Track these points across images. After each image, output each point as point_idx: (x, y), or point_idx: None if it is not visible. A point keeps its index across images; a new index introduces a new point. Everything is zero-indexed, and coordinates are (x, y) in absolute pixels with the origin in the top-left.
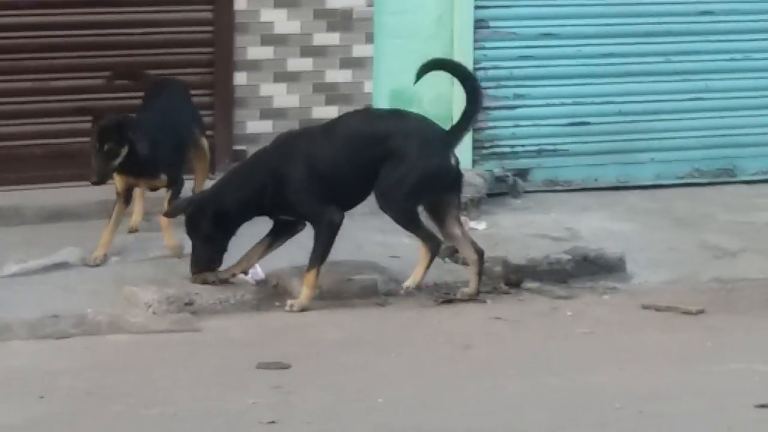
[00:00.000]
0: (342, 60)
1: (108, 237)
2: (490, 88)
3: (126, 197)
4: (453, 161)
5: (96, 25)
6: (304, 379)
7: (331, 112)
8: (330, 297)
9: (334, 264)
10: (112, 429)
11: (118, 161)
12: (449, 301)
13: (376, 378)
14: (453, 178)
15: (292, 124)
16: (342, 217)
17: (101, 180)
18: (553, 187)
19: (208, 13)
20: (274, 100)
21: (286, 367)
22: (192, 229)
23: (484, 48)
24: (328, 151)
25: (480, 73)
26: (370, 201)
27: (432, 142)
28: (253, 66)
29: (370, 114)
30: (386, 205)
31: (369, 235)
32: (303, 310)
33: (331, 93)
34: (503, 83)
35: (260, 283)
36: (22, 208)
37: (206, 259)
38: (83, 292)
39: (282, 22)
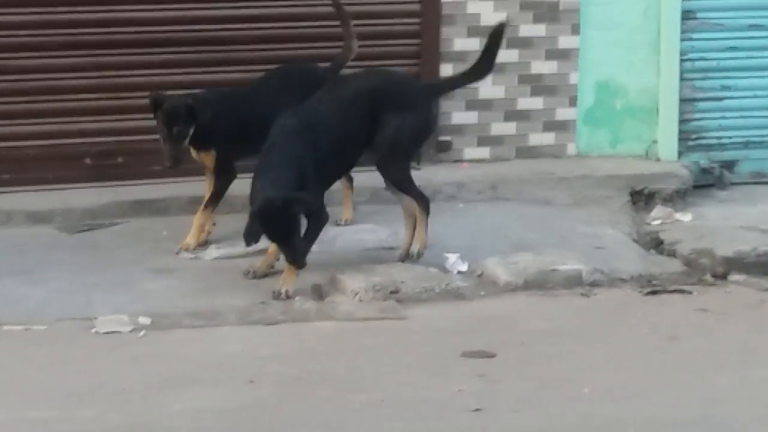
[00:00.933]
0: (548, 51)
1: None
2: (696, 79)
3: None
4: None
5: (301, 18)
6: (509, 368)
7: (536, 103)
8: (535, 287)
9: (539, 254)
10: (319, 414)
11: (187, 141)
12: (654, 293)
13: (581, 368)
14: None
15: (497, 116)
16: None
17: (175, 165)
18: (760, 179)
19: (415, 5)
20: (480, 91)
21: (491, 356)
22: (286, 229)
23: (691, 39)
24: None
25: (686, 65)
26: (573, 192)
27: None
28: (460, 57)
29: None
30: (384, 166)
31: (573, 225)
32: None
33: (536, 84)
34: (710, 74)
35: (462, 274)
36: (230, 198)
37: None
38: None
39: (488, 13)
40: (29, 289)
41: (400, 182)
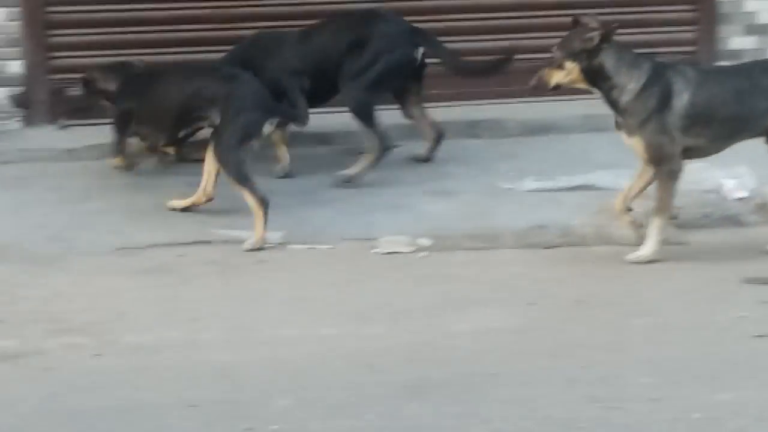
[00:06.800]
0: None
1: None
2: None
3: None
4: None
5: None
6: None
7: None
8: None
9: None
10: (600, 335)
11: None
12: None
13: None
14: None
15: None
16: None
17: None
18: None
19: None
20: (759, 15)
21: None
22: None
23: None
24: None
25: None
26: None
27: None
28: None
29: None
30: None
31: None
32: None
33: None
34: None
35: (740, 200)
36: (504, 121)
37: None
38: (569, 204)
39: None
40: (313, 210)
41: None
